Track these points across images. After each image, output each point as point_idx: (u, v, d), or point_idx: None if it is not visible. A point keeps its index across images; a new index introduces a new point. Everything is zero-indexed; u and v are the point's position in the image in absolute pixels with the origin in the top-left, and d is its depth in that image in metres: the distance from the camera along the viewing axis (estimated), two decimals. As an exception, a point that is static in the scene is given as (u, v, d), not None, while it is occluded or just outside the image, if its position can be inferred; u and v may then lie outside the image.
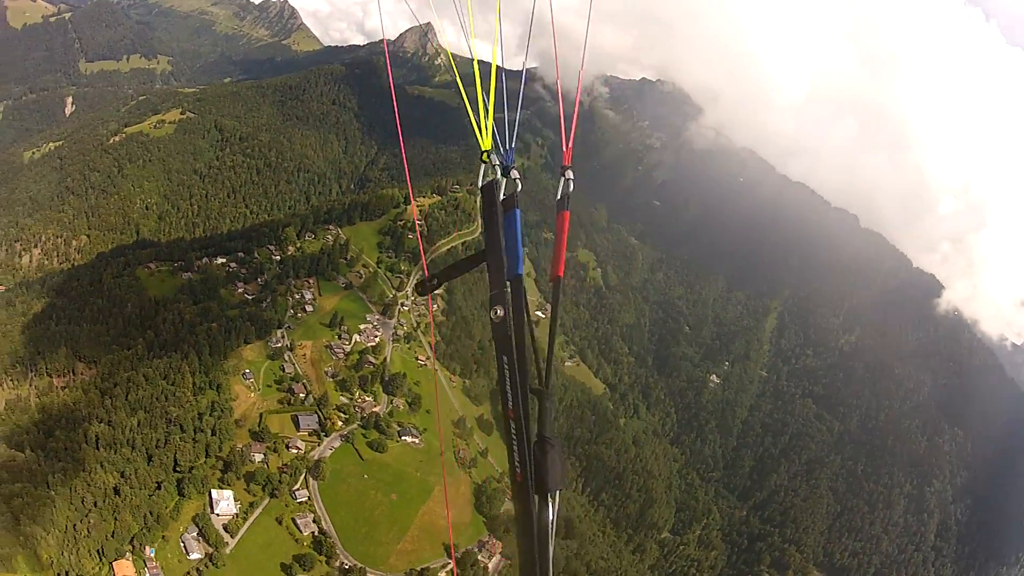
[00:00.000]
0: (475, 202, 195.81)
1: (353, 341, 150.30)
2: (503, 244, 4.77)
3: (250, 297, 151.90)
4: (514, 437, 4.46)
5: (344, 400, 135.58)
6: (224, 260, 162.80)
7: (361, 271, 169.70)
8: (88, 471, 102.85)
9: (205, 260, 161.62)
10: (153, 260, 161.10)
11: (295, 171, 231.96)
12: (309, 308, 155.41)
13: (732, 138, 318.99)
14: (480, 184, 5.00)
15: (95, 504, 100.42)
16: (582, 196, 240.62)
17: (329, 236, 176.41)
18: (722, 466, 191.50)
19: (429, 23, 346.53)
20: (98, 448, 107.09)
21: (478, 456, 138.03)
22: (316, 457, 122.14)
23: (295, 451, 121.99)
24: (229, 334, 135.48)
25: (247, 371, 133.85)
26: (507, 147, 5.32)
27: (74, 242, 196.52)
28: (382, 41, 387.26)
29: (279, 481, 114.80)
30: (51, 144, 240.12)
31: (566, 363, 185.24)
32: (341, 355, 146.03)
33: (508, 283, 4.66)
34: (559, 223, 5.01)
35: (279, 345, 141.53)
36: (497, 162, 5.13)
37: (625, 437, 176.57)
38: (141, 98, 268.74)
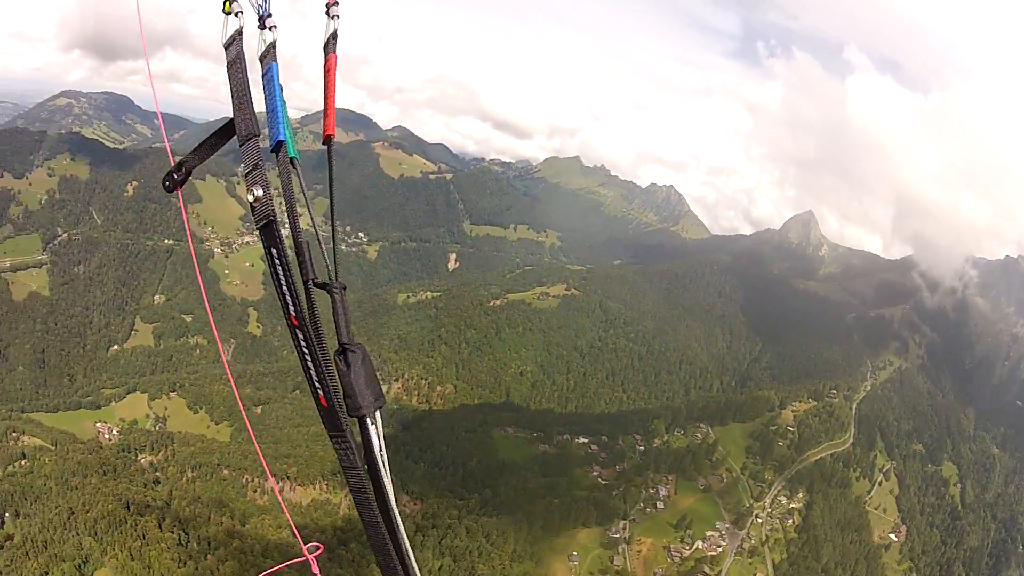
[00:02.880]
0: (851, 410, 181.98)
1: (694, 547, 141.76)
2: (250, 101, 3.74)
3: (603, 482, 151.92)
4: (305, 350, 3.47)
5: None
6: (586, 440, 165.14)
7: (723, 475, 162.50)
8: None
9: (567, 436, 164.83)
10: (513, 425, 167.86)
11: (677, 362, 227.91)
12: (660, 505, 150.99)
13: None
14: (224, 41, 3.76)
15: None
16: (951, 400, 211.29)
17: (698, 434, 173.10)
18: None
19: (810, 211, 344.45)
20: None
21: None
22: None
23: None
24: (569, 513, 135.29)
25: (574, 553, 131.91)
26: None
27: (439, 387, 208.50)
28: (767, 231, 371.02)
29: None
30: (428, 293, 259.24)
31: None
32: (677, 559, 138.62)
33: (273, 153, 3.72)
34: (326, 67, 3.98)
35: (617, 536, 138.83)
36: (245, 8, 3.76)
37: None
38: (527, 268, 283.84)
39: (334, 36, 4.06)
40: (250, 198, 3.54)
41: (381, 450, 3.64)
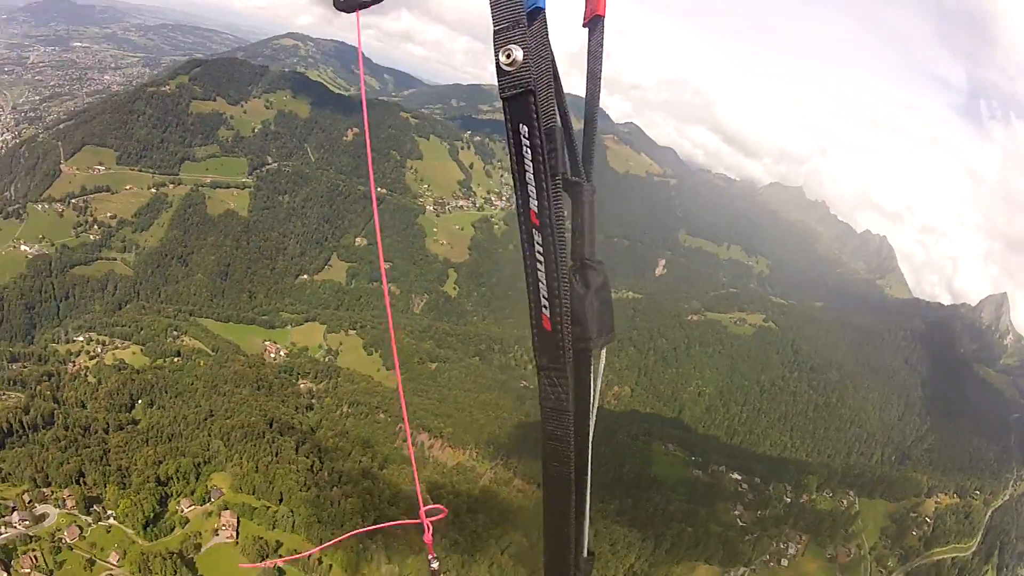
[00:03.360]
0: (985, 515, 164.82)
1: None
2: None
3: (741, 524, 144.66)
4: (540, 257, 2.79)
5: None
6: (740, 477, 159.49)
7: (852, 550, 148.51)
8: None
9: (722, 468, 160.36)
10: (676, 443, 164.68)
11: (848, 422, 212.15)
12: (784, 562, 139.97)
13: None
14: None
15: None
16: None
17: (844, 500, 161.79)
18: None
19: (1005, 293, 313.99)
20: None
21: None
22: None
23: None
24: (697, 545, 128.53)
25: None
26: None
27: (616, 387, 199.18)
28: (963, 305, 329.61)
29: None
30: (631, 293, 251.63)
31: None
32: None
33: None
34: None
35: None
36: None
37: None
38: (732, 290, 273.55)
39: None
40: (503, 59, 2.79)
41: (595, 395, 3.13)
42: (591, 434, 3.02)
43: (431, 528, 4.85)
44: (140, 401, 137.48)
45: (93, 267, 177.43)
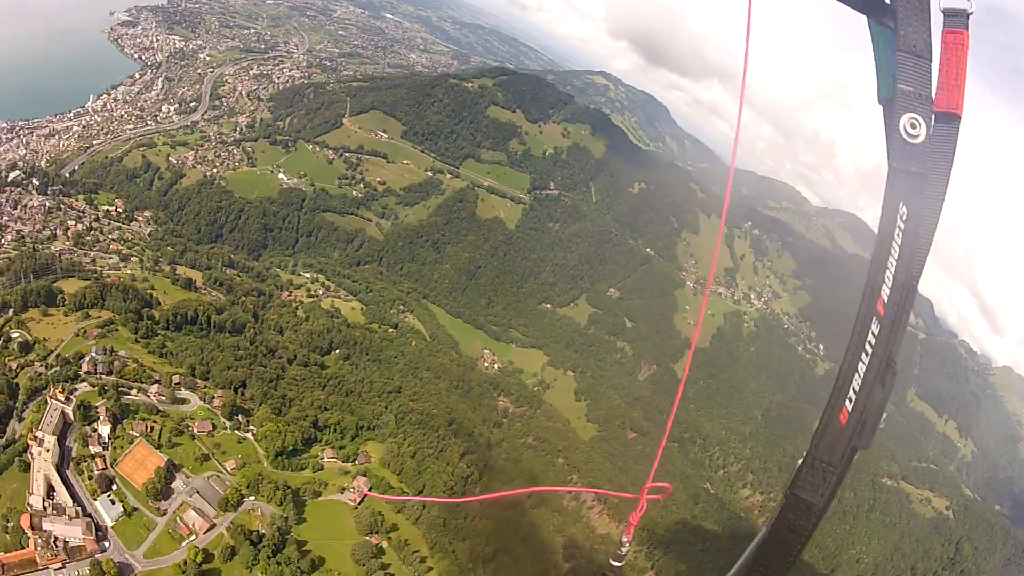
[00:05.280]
0: None
1: None
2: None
3: None
4: (867, 351, 3.04)
5: None
6: None
7: None
8: None
9: None
10: None
11: None
12: None
13: None
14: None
15: None
16: None
17: None
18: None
19: None
20: None
21: None
22: None
23: None
24: None
25: None
26: None
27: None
28: None
29: None
30: None
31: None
32: None
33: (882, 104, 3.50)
34: (950, 39, 3.59)
35: None
36: None
37: None
38: (932, 467, 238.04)
39: (964, 13, 3.64)
40: (908, 128, 3.11)
41: (832, 497, 3.16)
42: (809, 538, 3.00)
43: (645, 508, 5.06)
44: (337, 351, 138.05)
45: (346, 219, 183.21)
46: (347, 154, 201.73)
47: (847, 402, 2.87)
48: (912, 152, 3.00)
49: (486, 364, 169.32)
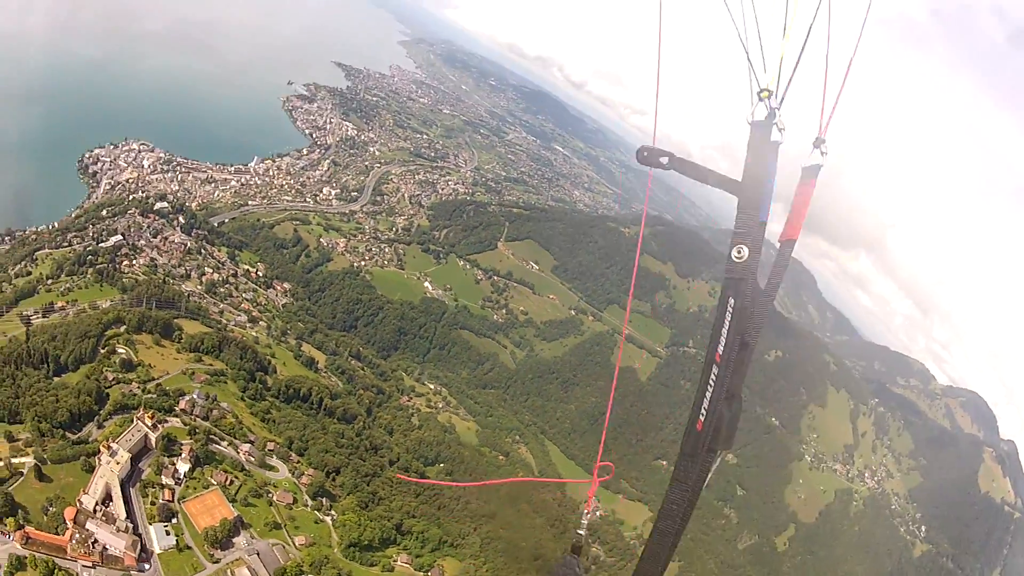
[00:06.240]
0: None
1: None
2: (764, 186, 4.66)
3: None
4: (711, 384, 4.56)
5: None
6: None
7: None
8: None
9: None
10: None
11: None
12: None
13: None
14: (752, 119, 4.73)
15: None
16: None
17: None
18: None
19: None
20: None
21: None
22: None
23: None
24: None
25: None
26: (780, 99, 4.83)
27: None
28: None
29: None
30: None
31: None
32: None
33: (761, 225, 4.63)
34: (801, 189, 4.97)
35: None
36: (773, 107, 4.76)
37: None
38: None
39: (816, 168, 4.98)
40: (735, 253, 4.57)
41: (706, 483, 4.70)
42: (692, 509, 4.53)
43: (598, 484, 6.69)
44: (442, 465, 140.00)
45: (481, 340, 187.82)
46: (496, 277, 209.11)
47: (701, 415, 4.49)
48: (737, 267, 4.45)
49: (588, 511, 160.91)
